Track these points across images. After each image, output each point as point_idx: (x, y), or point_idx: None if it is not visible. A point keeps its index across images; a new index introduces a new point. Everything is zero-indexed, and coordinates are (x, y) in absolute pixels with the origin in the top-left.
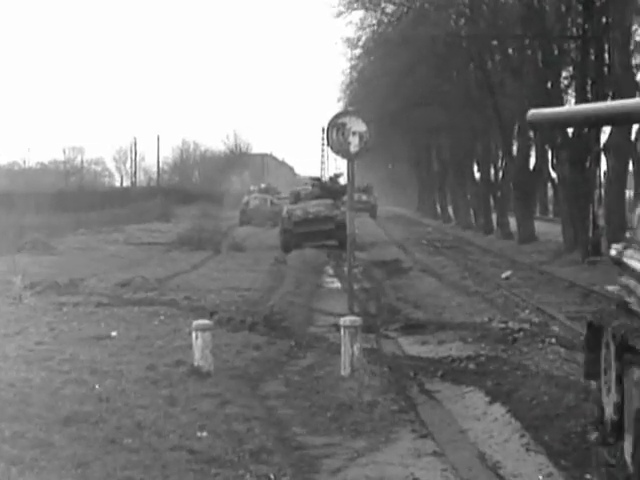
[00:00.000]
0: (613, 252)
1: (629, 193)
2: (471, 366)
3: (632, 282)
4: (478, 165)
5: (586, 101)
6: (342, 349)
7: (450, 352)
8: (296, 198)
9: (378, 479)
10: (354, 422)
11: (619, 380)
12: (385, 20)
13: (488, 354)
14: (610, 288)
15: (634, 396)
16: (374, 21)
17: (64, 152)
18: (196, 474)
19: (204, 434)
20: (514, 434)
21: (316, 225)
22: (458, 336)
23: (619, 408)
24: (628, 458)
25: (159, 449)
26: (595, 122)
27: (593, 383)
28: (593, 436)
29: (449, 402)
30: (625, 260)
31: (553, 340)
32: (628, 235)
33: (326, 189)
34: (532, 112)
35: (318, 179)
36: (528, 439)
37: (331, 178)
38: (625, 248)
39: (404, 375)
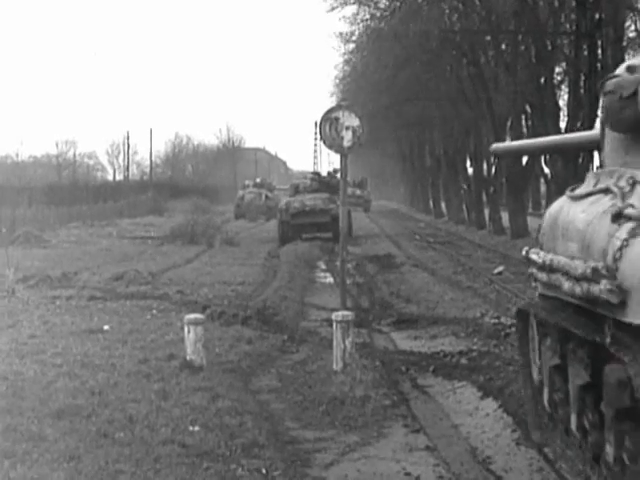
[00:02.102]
0: (523, 252)
1: None
2: (463, 361)
3: (534, 271)
4: (470, 160)
5: (579, 97)
6: (334, 344)
7: (442, 347)
8: (295, 191)
9: (370, 474)
10: (346, 416)
11: (540, 349)
12: (378, 15)
13: (480, 349)
14: (532, 284)
15: (547, 357)
16: (367, 16)
17: (57, 146)
18: (187, 468)
19: (196, 428)
20: (506, 429)
21: (313, 217)
22: (450, 331)
23: (540, 370)
24: (546, 403)
25: (151, 443)
26: (548, 152)
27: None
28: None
29: (441, 397)
30: (530, 256)
31: None
32: (535, 237)
33: (324, 183)
34: (495, 145)
35: (317, 173)
36: (519, 434)
37: (329, 173)
38: (531, 247)
39: (396, 370)
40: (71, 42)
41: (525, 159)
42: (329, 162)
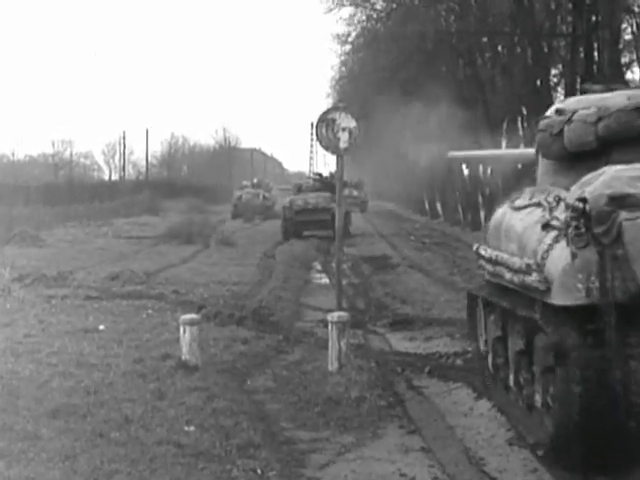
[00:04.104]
0: (474, 247)
1: None
2: (458, 362)
3: (483, 263)
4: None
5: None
6: (330, 344)
7: (438, 348)
8: (298, 190)
9: (365, 474)
10: (341, 417)
11: (485, 324)
12: (374, 16)
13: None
14: (479, 272)
15: (491, 330)
16: (364, 17)
17: (53, 145)
18: (183, 468)
19: (191, 428)
20: (500, 429)
21: (314, 215)
22: (446, 332)
23: (485, 342)
24: (490, 365)
25: (146, 443)
26: (495, 162)
27: None
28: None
29: (436, 398)
30: (480, 251)
31: None
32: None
33: (326, 183)
34: (451, 153)
35: (320, 174)
36: (513, 434)
37: (331, 173)
38: (480, 244)
39: (392, 371)
40: (68, 42)
41: None
42: (325, 163)
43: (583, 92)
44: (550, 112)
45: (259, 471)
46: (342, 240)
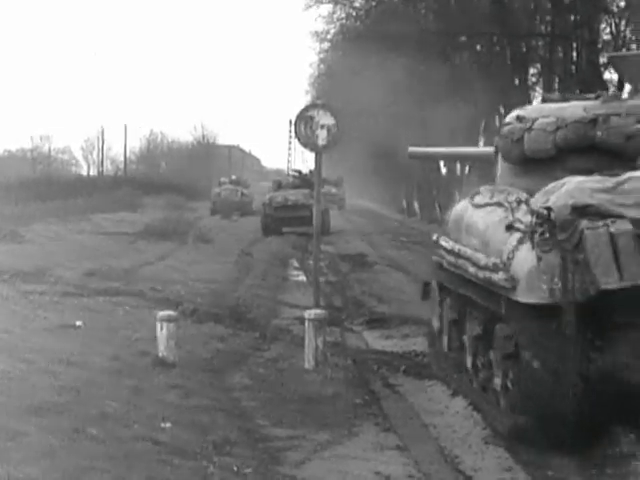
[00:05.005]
0: (434, 237)
1: None
2: None
3: (442, 252)
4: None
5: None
6: (306, 342)
7: (414, 347)
8: (278, 186)
9: (341, 472)
10: (317, 415)
11: (441, 307)
12: (354, 14)
13: None
14: (434, 258)
15: (446, 313)
16: (343, 15)
17: (31, 140)
18: (159, 464)
19: (168, 425)
20: (475, 427)
21: (294, 211)
22: (422, 331)
23: (440, 320)
24: (445, 345)
25: (123, 439)
26: (454, 159)
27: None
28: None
29: (412, 396)
30: (440, 242)
31: None
32: (442, 227)
33: (305, 180)
34: (410, 149)
35: (299, 171)
36: (489, 432)
37: (310, 171)
38: (440, 235)
39: (368, 369)
40: (46, 37)
41: None
42: (303, 160)
43: (543, 101)
44: (510, 118)
45: (235, 468)
46: (320, 238)
